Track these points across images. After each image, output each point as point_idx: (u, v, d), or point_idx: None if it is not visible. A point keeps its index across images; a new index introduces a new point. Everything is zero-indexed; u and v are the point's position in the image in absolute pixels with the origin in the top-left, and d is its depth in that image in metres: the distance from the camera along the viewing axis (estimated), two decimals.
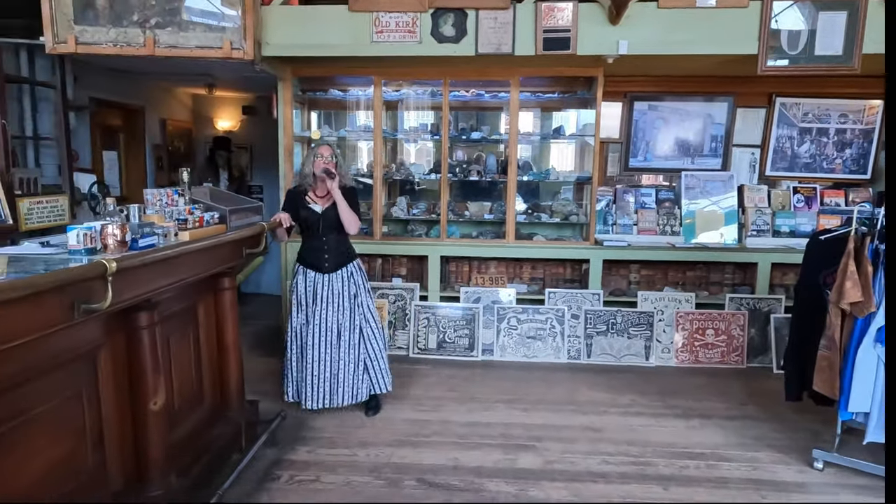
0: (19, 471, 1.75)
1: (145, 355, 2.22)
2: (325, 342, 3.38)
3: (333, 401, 3.39)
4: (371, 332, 3.50)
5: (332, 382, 3.39)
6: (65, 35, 3.72)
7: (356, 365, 3.44)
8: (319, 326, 3.38)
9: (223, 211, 2.83)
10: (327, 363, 3.38)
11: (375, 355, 3.51)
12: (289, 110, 4.61)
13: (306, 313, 3.42)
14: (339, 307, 3.41)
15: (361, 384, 3.46)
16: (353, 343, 3.43)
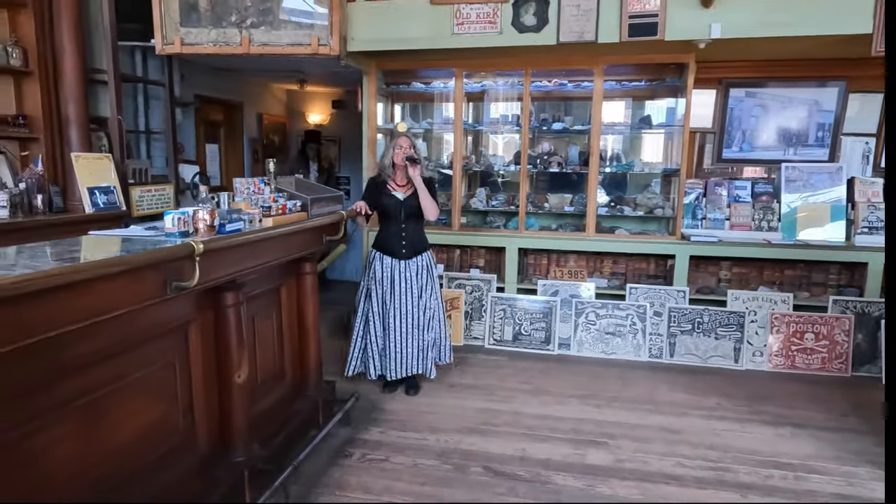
0: (119, 429, 1.95)
1: (231, 331, 2.39)
2: (404, 324, 3.58)
3: (413, 370, 3.65)
4: (441, 317, 3.75)
5: (411, 357, 3.62)
6: (172, 37, 4.05)
7: (428, 343, 3.65)
8: (399, 310, 3.57)
9: (305, 199, 2.98)
10: (406, 342, 3.59)
11: (442, 333, 3.77)
12: (373, 103, 4.75)
13: (384, 297, 3.58)
14: (415, 292, 3.59)
15: (428, 360, 3.67)
16: (425, 325, 3.62)
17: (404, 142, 3.53)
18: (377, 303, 3.62)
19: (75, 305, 1.54)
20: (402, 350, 3.60)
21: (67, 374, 1.72)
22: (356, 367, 3.71)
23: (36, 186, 3.64)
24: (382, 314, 3.62)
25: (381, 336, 3.64)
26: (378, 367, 3.67)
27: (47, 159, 3.77)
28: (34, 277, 1.40)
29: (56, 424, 1.70)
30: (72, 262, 1.66)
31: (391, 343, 3.59)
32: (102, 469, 1.88)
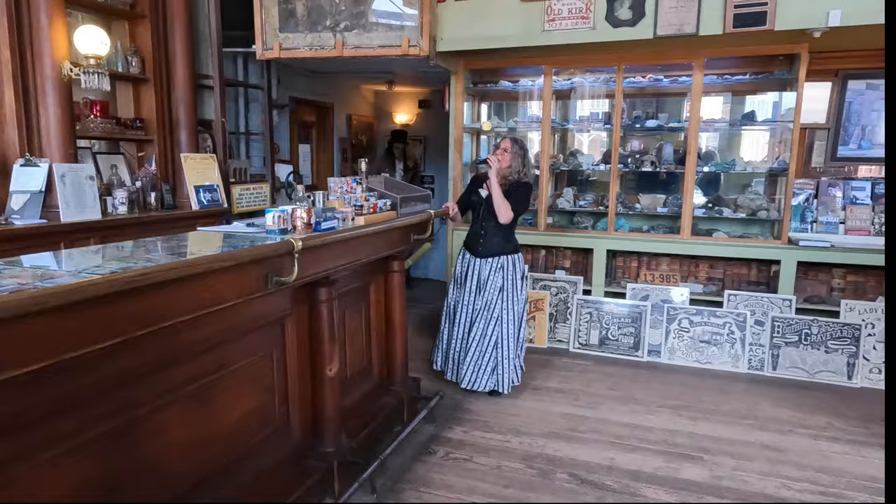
0: (224, 414, 2.06)
1: (323, 326, 2.47)
2: (464, 323, 3.56)
3: (460, 380, 3.55)
4: (507, 332, 3.49)
5: (462, 362, 3.55)
6: (271, 42, 4.24)
7: (481, 354, 3.50)
8: (466, 307, 3.56)
9: (395, 199, 3.03)
10: (462, 343, 3.56)
11: (505, 355, 3.51)
12: (460, 103, 4.76)
13: (457, 293, 3.62)
14: (480, 293, 3.52)
15: (483, 375, 3.51)
16: (483, 331, 3.49)
17: (504, 143, 3.53)
18: (452, 297, 3.67)
19: (188, 297, 1.64)
20: (460, 351, 3.56)
21: (179, 361, 1.84)
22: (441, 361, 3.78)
23: (150, 185, 3.93)
24: (451, 310, 3.65)
25: (448, 331, 3.67)
26: (441, 361, 3.71)
27: (160, 159, 4.06)
28: (158, 270, 1.50)
29: (170, 406, 1.82)
30: (182, 257, 1.77)
31: (453, 340, 3.60)
32: (209, 450, 1.99)
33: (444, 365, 3.69)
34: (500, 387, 3.54)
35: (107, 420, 1.60)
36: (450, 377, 3.60)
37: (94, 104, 3.76)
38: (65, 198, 3.22)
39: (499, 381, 3.53)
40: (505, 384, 3.54)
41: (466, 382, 3.51)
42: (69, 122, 3.34)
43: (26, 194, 3.15)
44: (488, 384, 3.52)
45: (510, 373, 3.54)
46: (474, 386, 3.51)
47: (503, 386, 3.54)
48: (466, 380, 3.51)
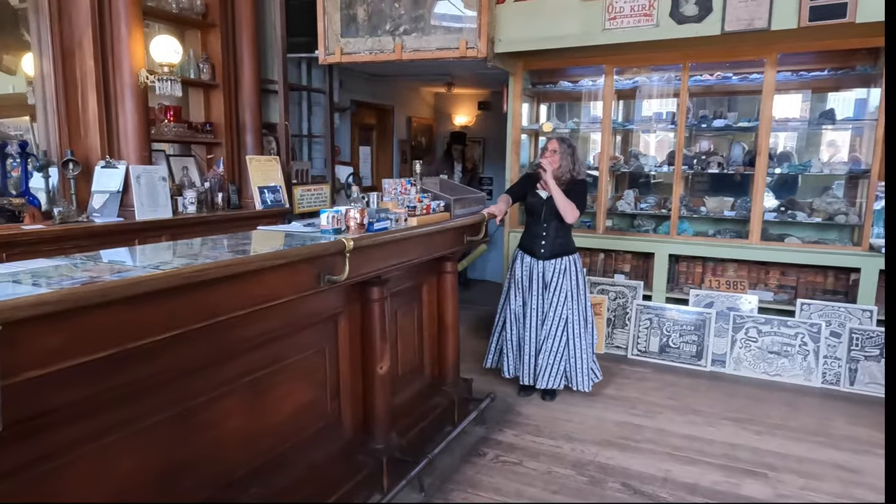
0: (278, 407, 2.13)
1: (375, 324, 2.51)
2: (536, 325, 3.51)
3: (538, 380, 3.51)
4: (576, 330, 3.51)
5: (538, 364, 3.50)
6: (333, 47, 4.36)
7: (555, 354, 3.49)
8: (536, 311, 3.51)
9: (448, 200, 3.04)
10: (535, 345, 3.51)
11: (577, 353, 3.51)
12: (518, 104, 4.73)
13: (523, 297, 3.55)
14: (548, 295, 3.49)
15: (557, 374, 3.50)
16: (554, 332, 3.48)
17: (551, 144, 3.49)
18: (515, 302, 3.60)
19: (242, 293, 1.70)
20: (535, 355, 3.51)
21: (236, 354, 1.92)
22: (493, 361, 3.75)
23: (217, 185, 4.12)
24: (520, 314, 3.58)
25: (516, 337, 3.60)
26: (512, 368, 3.64)
27: (227, 161, 4.25)
28: (212, 267, 1.57)
29: (226, 398, 1.90)
30: (243, 254, 1.85)
31: (525, 346, 3.54)
32: (263, 441, 2.07)
33: (516, 370, 3.61)
34: (576, 384, 3.52)
35: (166, 408, 1.69)
36: (526, 381, 3.54)
37: (167, 109, 3.98)
38: (140, 197, 3.42)
39: (570, 378, 3.52)
40: (581, 382, 3.52)
41: (543, 383, 3.49)
42: (145, 127, 3.55)
43: (106, 194, 3.37)
44: (561, 383, 3.52)
45: (585, 371, 3.52)
46: (551, 385, 3.50)
47: (580, 384, 3.52)
48: (543, 381, 3.49)
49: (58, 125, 3.36)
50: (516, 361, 3.61)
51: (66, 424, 1.43)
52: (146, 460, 1.65)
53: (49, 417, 1.38)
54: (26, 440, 1.33)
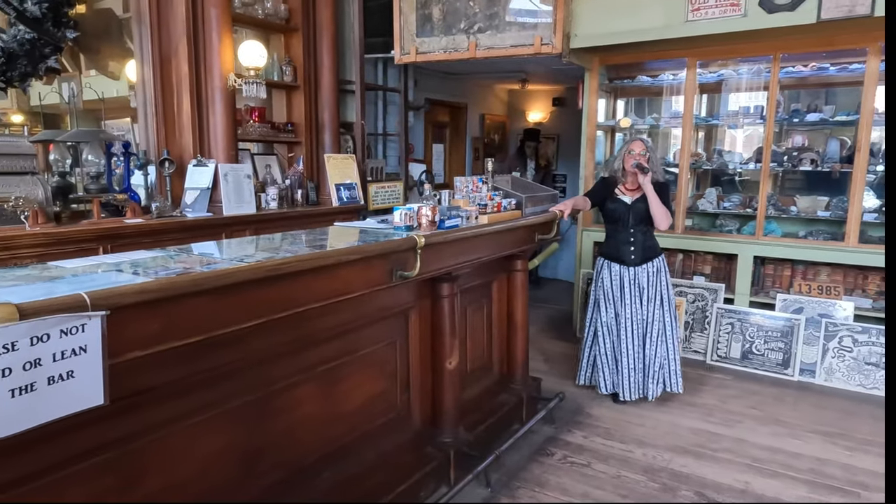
0: (350, 396, 2.21)
1: (445, 320, 2.55)
2: (636, 335, 3.40)
3: (646, 392, 3.41)
4: (672, 332, 3.43)
5: (643, 375, 3.41)
6: (409, 47, 4.44)
7: (659, 360, 3.40)
8: (631, 320, 3.40)
9: (520, 198, 3.03)
10: (639, 356, 3.40)
11: (671, 355, 3.42)
12: (594, 100, 4.63)
13: (615, 308, 3.44)
14: (646, 301, 3.39)
15: (659, 380, 3.42)
16: (656, 338, 3.39)
17: (636, 146, 3.37)
18: (607, 314, 3.46)
19: (321, 286, 1.78)
20: (635, 366, 3.40)
21: (311, 344, 2.01)
22: (586, 377, 3.61)
23: (297, 183, 4.30)
24: (613, 327, 3.45)
25: (610, 350, 3.47)
26: (609, 384, 3.48)
27: (306, 160, 4.43)
28: (294, 260, 1.66)
29: (302, 385, 2.00)
30: (320, 249, 1.93)
31: (623, 359, 3.40)
32: (336, 429, 2.16)
33: (614, 386, 3.46)
34: (671, 387, 3.43)
35: (248, 393, 1.80)
36: (629, 397, 3.40)
37: (252, 110, 4.20)
38: (227, 194, 3.63)
39: (666, 381, 3.44)
40: (675, 383, 3.43)
41: (652, 394, 3.39)
42: (232, 127, 3.76)
43: (197, 190, 3.61)
44: (660, 389, 3.43)
45: (678, 372, 3.44)
46: (657, 393, 3.40)
47: (674, 385, 3.43)
48: (651, 391, 3.39)
49: (156, 126, 3.62)
50: (613, 376, 3.48)
51: (159, 403, 1.55)
52: (228, 441, 1.77)
53: (146, 396, 1.50)
54: (127, 415, 1.46)
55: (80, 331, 1.13)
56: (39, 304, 1.08)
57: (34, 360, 1.07)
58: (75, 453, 1.38)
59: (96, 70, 4.37)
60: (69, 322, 1.11)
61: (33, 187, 2.91)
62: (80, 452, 1.39)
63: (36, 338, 1.07)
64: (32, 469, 1.30)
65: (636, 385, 3.41)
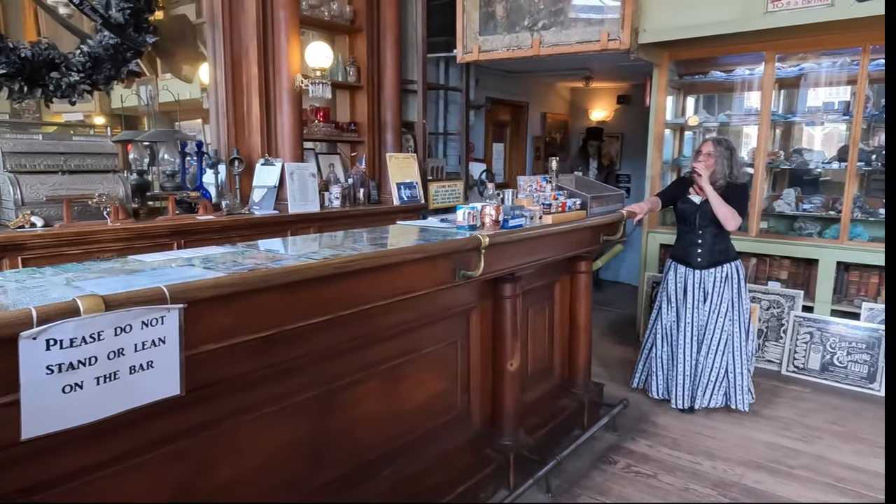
0: (411, 394, 2.21)
1: (506, 321, 2.51)
2: (693, 341, 3.27)
3: (697, 401, 3.28)
4: (739, 343, 3.25)
5: (696, 382, 3.27)
6: (471, 46, 4.42)
7: (717, 371, 3.24)
8: (691, 325, 3.27)
9: (585, 198, 2.95)
10: (693, 362, 3.27)
11: (738, 368, 3.24)
12: (662, 97, 4.46)
13: (677, 310, 3.33)
14: (709, 307, 3.24)
15: (719, 391, 3.26)
16: (715, 348, 3.23)
17: (705, 147, 3.24)
18: (668, 317, 3.35)
19: (385, 284, 1.78)
20: (691, 374, 3.27)
21: (375, 341, 2.01)
22: (640, 380, 3.53)
23: (359, 182, 4.35)
24: (672, 331, 3.34)
25: (667, 354, 3.36)
26: (661, 389, 3.39)
27: (369, 159, 4.48)
28: (360, 258, 1.67)
29: (365, 382, 2.01)
30: (382, 247, 1.93)
31: (678, 364, 3.29)
32: (396, 426, 2.16)
33: (668, 391, 3.37)
34: (734, 403, 3.26)
35: (312, 388, 1.82)
36: (681, 404, 3.29)
37: (318, 111, 4.29)
38: (292, 192, 3.72)
39: (728, 395, 3.27)
40: (740, 400, 3.25)
41: (702, 403, 3.26)
42: (298, 127, 3.85)
43: (264, 189, 3.71)
44: (722, 400, 3.26)
45: (744, 388, 3.25)
46: (712, 404, 3.25)
47: (738, 402, 3.25)
48: (703, 400, 3.26)
49: (226, 126, 3.75)
50: (667, 381, 3.37)
51: (229, 395, 1.59)
52: (294, 434, 1.79)
53: (216, 387, 1.54)
54: (199, 406, 1.50)
55: (160, 323, 1.17)
56: (124, 296, 1.12)
57: (118, 350, 1.11)
58: (150, 441, 1.43)
59: (171, 73, 4.58)
60: (150, 314, 1.15)
61: (115, 185, 3.07)
62: (155, 441, 1.44)
63: (120, 328, 1.11)
64: (109, 455, 1.35)
65: (689, 392, 3.27)
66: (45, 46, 3.02)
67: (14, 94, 2.96)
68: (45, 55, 3.00)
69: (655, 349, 3.41)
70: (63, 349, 1.03)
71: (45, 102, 3.15)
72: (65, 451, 1.27)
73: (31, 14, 4.82)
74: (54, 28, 4.06)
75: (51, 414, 1.05)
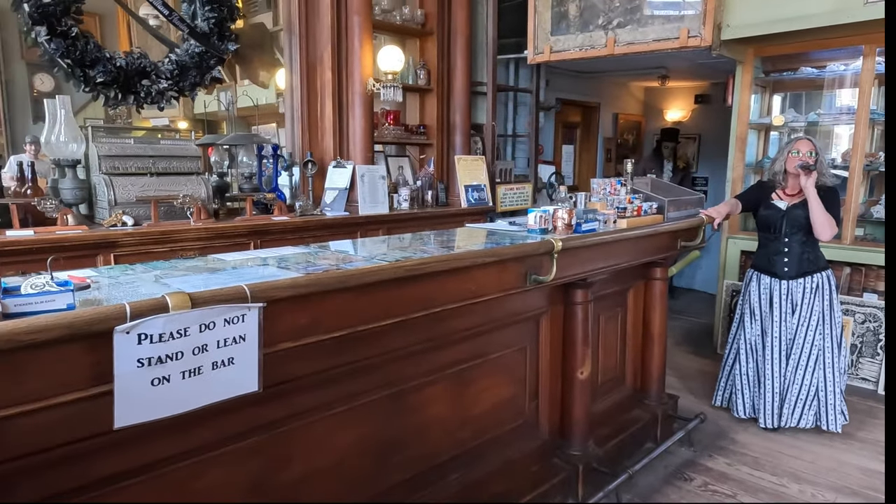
0: (479, 399, 2.18)
1: (577, 328, 2.43)
2: (780, 356, 3.07)
3: (784, 420, 3.08)
4: (830, 359, 3.03)
5: (783, 400, 3.08)
6: (542, 46, 4.35)
7: (807, 389, 3.04)
8: (779, 339, 3.08)
9: (661, 201, 2.83)
10: (780, 379, 3.07)
11: (829, 386, 3.03)
12: (746, 95, 4.23)
13: (762, 324, 3.14)
14: (797, 320, 3.04)
15: (809, 411, 3.05)
16: (805, 363, 3.03)
17: (803, 146, 3.00)
18: (751, 330, 3.17)
19: (456, 287, 1.77)
20: (779, 392, 3.07)
21: (444, 345, 2.00)
22: (724, 398, 3.34)
23: (427, 184, 4.37)
24: (757, 345, 3.15)
25: (752, 370, 3.17)
26: (747, 407, 3.20)
27: (437, 161, 4.49)
28: (432, 261, 1.66)
29: (434, 384, 2.00)
30: (451, 250, 1.92)
31: (766, 381, 3.09)
32: (464, 431, 2.14)
33: (754, 410, 3.19)
34: (826, 423, 3.05)
35: (382, 388, 1.83)
36: (770, 423, 3.09)
37: (388, 113, 4.34)
38: (363, 194, 3.78)
39: (821, 416, 3.05)
40: (831, 420, 3.03)
41: (790, 422, 3.08)
42: (369, 130, 3.91)
43: (336, 190, 3.79)
44: (813, 421, 3.07)
45: (837, 408, 3.04)
46: (802, 424, 3.07)
47: (829, 422, 3.04)
48: (791, 419, 3.08)
49: (301, 130, 3.86)
50: (754, 399, 3.18)
51: (304, 393, 1.62)
52: (364, 433, 1.81)
53: (292, 385, 1.57)
54: (276, 401, 1.54)
55: (241, 320, 1.20)
56: (208, 294, 1.16)
57: (201, 346, 1.15)
58: (228, 435, 1.47)
59: (249, 79, 4.78)
60: (232, 312, 1.18)
61: (198, 186, 3.22)
62: (232, 435, 1.48)
63: (204, 325, 1.14)
64: (190, 447, 1.40)
65: (778, 411, 3.08)
66: (138, 56, 3.21)
67: (110, 101, 3.16)
68: (138, 64, 3.18)
69: (739, 365, 3.21)
70: (153, 343, 1.08)
71: (137, 108, 3.34)
72: (150, 440, 1.32)
73: (124, 26, 5.15)
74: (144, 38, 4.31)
75: (141, 405, 1.09)
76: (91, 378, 1.08)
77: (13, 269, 2.42)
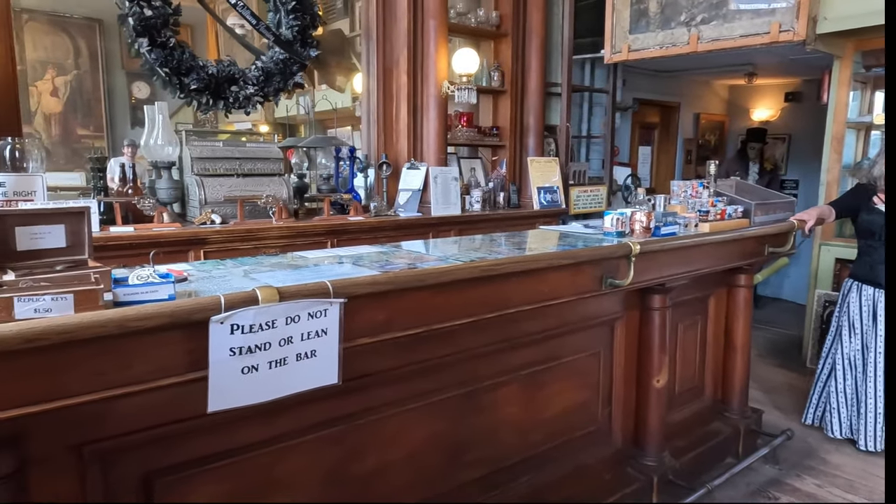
0: (551, 402, 2.16)
1: (654, 334, 2.36)
2: (884, 374, 2.85)
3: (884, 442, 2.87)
4: None
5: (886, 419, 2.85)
6: (620, 45, 4.24)
7: None
8: (884, 356, 2.86)
9: (748, 205, 2.70)
10: (881, 399, 2.86)
11: None
12: (844, 92, 3.95)
13: (863, 338, 2.93)
14: None
15: None
16: None
17: None
18: (850, 345, 2.96)
19: (530, 289, 1.76)
20: (884, 411, 2.84)
21: (517, 346, 2.00)
22: (816, 416, 3.15)
23: (499, 185, 4.37)
24: (857, 361, 2.94)
25: (850, 388, 2.97)
26: (843, 427, 2.99)
27: (509, 163, 4.48)
28: (507, 262, 1.66)
29: (506, 385, 2.00)
30: (523, 252, 1.91)
31: (868, 400, 2.88)
32: (536, 433, 2.12)
33: (851, 431, 2.98)
34: None
35: (455, 387, 1.85)
36: (872, 446, 2.88)
37: (461, 115, 4.37)
38: (435, 196, 3.82)
39: None
40: None
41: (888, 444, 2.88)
42: (443, 132, 3.95)
43: (409, 192, 3.85)
44: None
45: None
46: None
47: None
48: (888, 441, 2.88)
49: (376, 133, 3.96)
50: (852, 419, 2.98)
51: (380, 388, 1.66)
52: (436, 430, 1.83)
53: (369, 379, 1.61)
54: (353, 395, 1.59)
55: (323, 315, 1.24)
56: (294, 289, 1.22)
57: (287, 338, 1.20)
58: (308, 425, 1.53)
59: (326, 84, 4.95)
60: (316, 306, 1.23)
61: (280, 187, 3.37)
62: (312, 424, 1.54)
63: (290, 318, 1.19)
64: (274, 434, 1.47)
65: (882, 432, 2.85)
66: (228, 64, 3.39)
67: (201, 107, 3.36)
68: (227, 71, 3.36)
69: (835, 382, 3.00)
70: (244, 334, 1.14)
71: (225, 113, 3.53)
72: (238, 426, 1.40)
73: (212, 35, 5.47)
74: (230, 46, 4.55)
75: (232, 391, 1.16)
76: (187, 364, 1.16)
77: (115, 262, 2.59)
